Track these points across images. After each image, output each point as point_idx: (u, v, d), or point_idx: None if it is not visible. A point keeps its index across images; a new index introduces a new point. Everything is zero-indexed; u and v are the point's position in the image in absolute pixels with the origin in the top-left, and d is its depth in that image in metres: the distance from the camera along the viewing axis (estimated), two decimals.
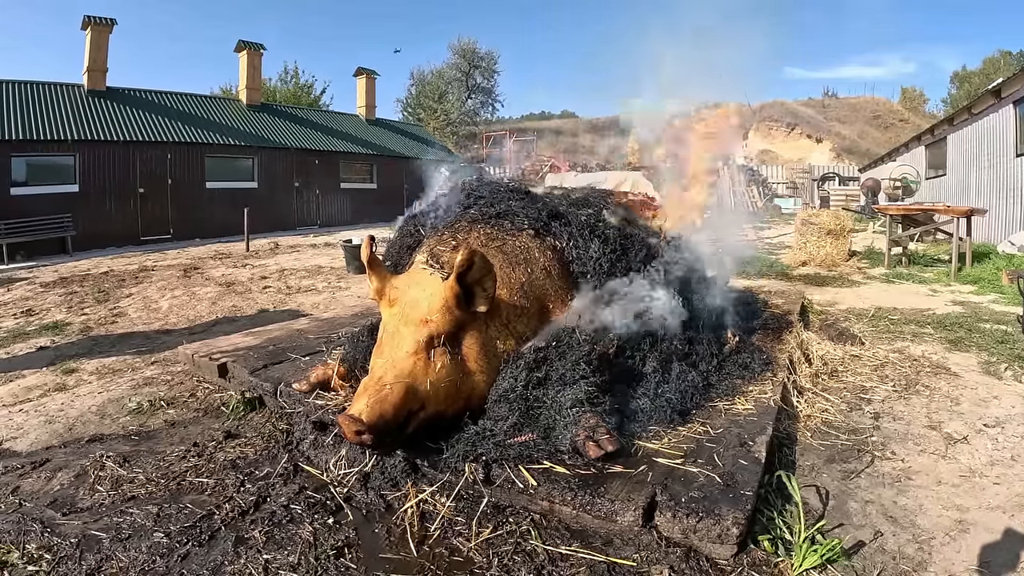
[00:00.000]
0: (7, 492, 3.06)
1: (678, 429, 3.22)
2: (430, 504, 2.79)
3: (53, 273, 12.51)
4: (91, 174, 17.94)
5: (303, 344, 5.07)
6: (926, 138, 20.00)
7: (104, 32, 19.74)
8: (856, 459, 3.37)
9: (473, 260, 2.95)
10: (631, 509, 2.53)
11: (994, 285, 8.75)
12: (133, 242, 18.31)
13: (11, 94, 17.70)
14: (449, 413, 3.06)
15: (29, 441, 3.82)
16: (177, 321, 7.64)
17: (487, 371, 3.16)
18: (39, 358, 5.93)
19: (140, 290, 9.92)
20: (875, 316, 6.96)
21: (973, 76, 49.56)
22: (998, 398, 4.32)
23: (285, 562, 2.43)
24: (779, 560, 2.42)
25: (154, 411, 4.23)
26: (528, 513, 2.70)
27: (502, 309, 3.31)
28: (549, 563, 2.40)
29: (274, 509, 2.81)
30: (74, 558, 2.48)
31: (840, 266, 11.32)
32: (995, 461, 3.34)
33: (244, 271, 11.90)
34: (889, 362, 5.07)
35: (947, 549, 2.55)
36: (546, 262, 3.70)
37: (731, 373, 3.97)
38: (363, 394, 2.83)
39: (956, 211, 10.79)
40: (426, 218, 4.21)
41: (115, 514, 2.80)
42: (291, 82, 40.62)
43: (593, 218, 4.16)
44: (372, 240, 3.34)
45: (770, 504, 2.77)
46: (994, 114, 14.07)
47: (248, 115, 24.11)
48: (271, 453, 3.41)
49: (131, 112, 19.91)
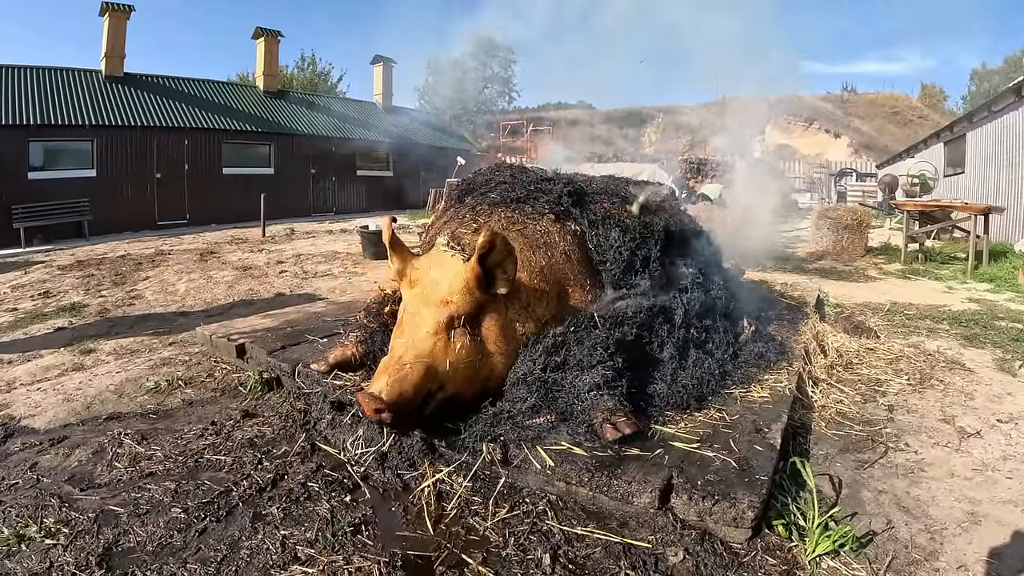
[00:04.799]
0: (25, 468, 3.09)
1: (694, 415, 3.24)
2: (447, 484, 2.82)
3: (70, 256, 12.61)
4: (108, 159, 18.07)
5: (320, 326, 5.10)
6: (945, 135, 19.80)
7: (122, 18, 19.81)
8: (870, 450, 3.37)
9: (494, 242, 2.95)
10: (647, 491, 2.55)
11: (1010, 283, 8.70)
12: (150, 227, 18.44)
13: (29, 80, 17.82)
14: (468, 394, 3.08)
15: (47, 419, 3.84)
16: (194, 303, 7.70)
17: (506, 353, 3.18)
18: (57, 338, 5.98)
19: (157, 273, 9.99)
20: (891, 311, 6.93)
21: (993, 74, 49.02)
22: (1012, 395, 4.30)
23: (302, 538, 2.46)
24: (793, 545, 2.43)
25: (172, 390, 4.26)
26: (545, 494, 2.72)
27: (522, 292, 3.32)
28: (565, 543, 2.42)
29: (291, 487, 2.84)
30: (91, 532, 2.51)
31: (856, 261, 11.25)
32: (1008, 456, 3.34)
33: (260, 256, 11.95)
34: (904, 356, 5.05)
35: (959, 540, 2.56)
36: (566, 246, 3.70)
37: (747, 362, 3.97)
38: (383, 373, 2.85)
39: (973, 208, 10.69)
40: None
41: (133, 490, 2.83)
42: (308, 69, 40.72)
43: (614, 206, 4.17)
44: (393, 220, 3.35)
45: (784, 490, 2.78)
46: (1014, 112, 13.92)
47: (265, 102, 24.16)
48: (288, 432, 3.44)
49: (148, 98, 20.01)
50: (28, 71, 18.05)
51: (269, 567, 2.29)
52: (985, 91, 43.21)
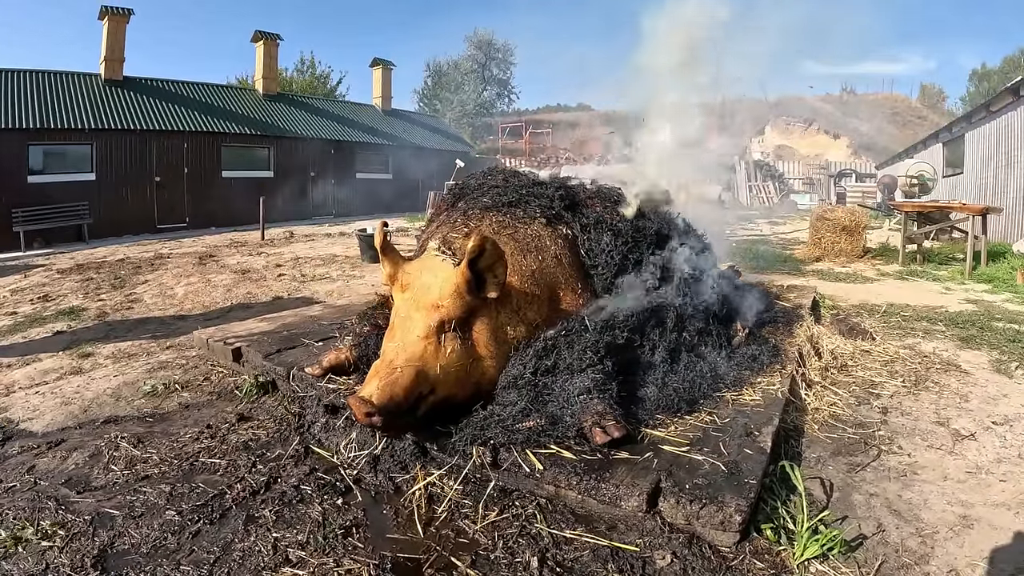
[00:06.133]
0: (23, 471, 3.12)
1: (685, 418, 3.24)
2: (438, 487, 2.83)
3: (70, 260, 12.64)
4: (108, 163, 18.13)
5: (316, 330, 5.12)
6: (944, 135, 19.82)
7: (121, 22, 19.87)
8: (862, 453, 3.37)
9: (484, 246, 2.97)
10: (635, 495, 2.56)
11: (1008, 284, 8.69)
12: (149, 230, 18.50)
13: (29, 83, 17.86)
14: (459, 397, 3.10)
15: (45, 422, 3.87)
16: (192, 307, 7.71)
17: (497, 356, 3.19)
18: (55, 342, 6.01)
19: (156, 277, 10.01)
20: (887, 312, 6.93)
21: (992, 74, 48.99)
22: (1008, 396, 4.30)
23: (294, 540, 2.47)
24: (781, 549, 2.43)
25: (168, 394, 4.28)
26: (534, 497, 2.73)
27: (513, 296, 3.34)
28: (553, 546, 2.43)
29: (284, 489, 2.86)
30: (87, 534, 2.53)
31: (854, 262, 11.25)
32: (1002, 458, 3.34)
33: (259, 259, 11.98)
34: (899, 358, 5.06)
35: (950, 544, 2.55)
36: (557, 250, 3.72)
37: (739, 364, 3.97)
38: (374, 376, 2.87)
39: (972, 209, 10.70)
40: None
41: (128, 492, 2.86)
42: (307, 72, 40.69)
43: (606, 210, 4.18)
44: (385, 226, 3.37)
45: (774, 494, 2.78)
46: (1012, 112, 13.91)
47: (264, 105, 24.22)
48: (283, 435, 3.46)
49: (148, 101, 20.06)
50: (27, 75, 18.09)
51: (260, 569, 2.30)
52: (984, 91, 43.18)
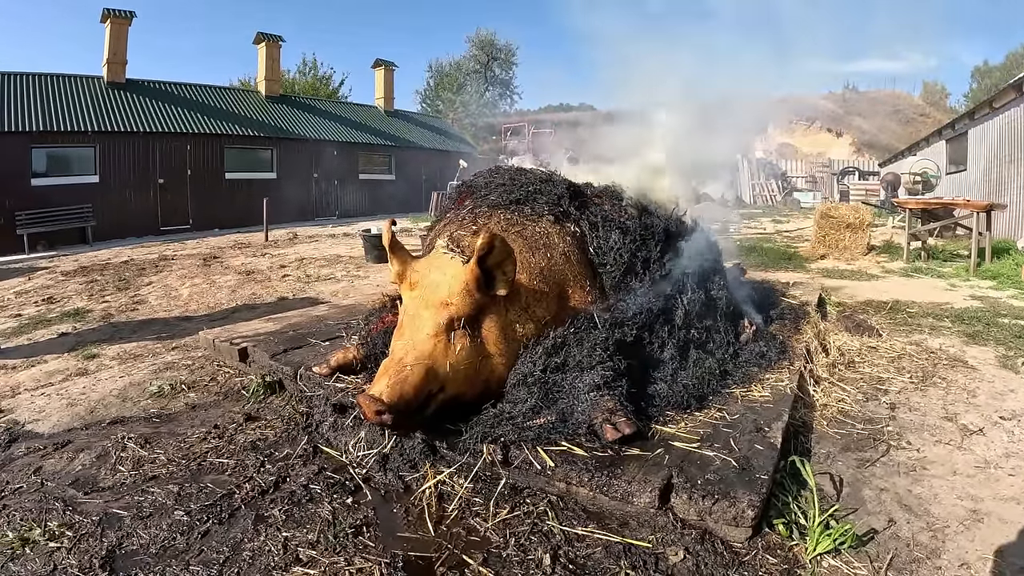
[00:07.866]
0: (30, 472, 3.11)
1: (694, 414, 3.24)
2: (448, 485, 2.82)
3: (74, 262, 12.64)
4: (111, 165, 18.16)
5: (322, 330, 5.12)
6: (947, 132, 19.76)
7: (123, 25, 19.93)
8: (871, 448, 3.36)
9: (493, 244, 2.96)
10: (647, 491, 2.55)
11: (1013, 280, 8.66)
12: (153, 232, 18.52)
13: (31, 86, 17.91)
14: (468, 395, 3.09)
15: (51, 423, 3.87)
16: (197, 308, 7.71)
17: (506, 354, 3.19)
18: (60, 344, 6.01)
19: (160, 278, 10.02)
20: (893, 309, 6.92)
21: (995, 71, 48.89)
22: (1015, 391, 4.29)
23: (304, 539, 2.47)
24: (793, 544, 2.43)
25: (175, 394, 4.28)
26: (545, 494, 2.73)
27: (521, 293, 3.33)
28: (565, 543, 2.42)
29: (293, 489, 2.85)
30: (95, 535, 2.52)
31: (859, 259, 11.24)
32: (1011, 453, 3.33)
33: (263, 260, 11.98)
34: (906, 354, 5.05)
35: (960, 538, 2.55)
36: (565, 248, 3.71)
37: (748, 361, 3.98)
38: (383, 375, 2.86)
39: (975, 206, 10.67)
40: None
41: (136, 493, 2.85)
42: (309, 74, 40.68)
43: (614, 208, 4.17)
44: (393, 223, 3.37)
45: (785, 489, 2.77)
46: (1015, 108, 13.88)
47: (267, 107, 24.25)
48: (291, 435, 3.45)
49: (151, 104, 20.09)
50: (30, 78, 18.13)
51: (271, 568, 2.30)
52: (987, 88, 43.07)
